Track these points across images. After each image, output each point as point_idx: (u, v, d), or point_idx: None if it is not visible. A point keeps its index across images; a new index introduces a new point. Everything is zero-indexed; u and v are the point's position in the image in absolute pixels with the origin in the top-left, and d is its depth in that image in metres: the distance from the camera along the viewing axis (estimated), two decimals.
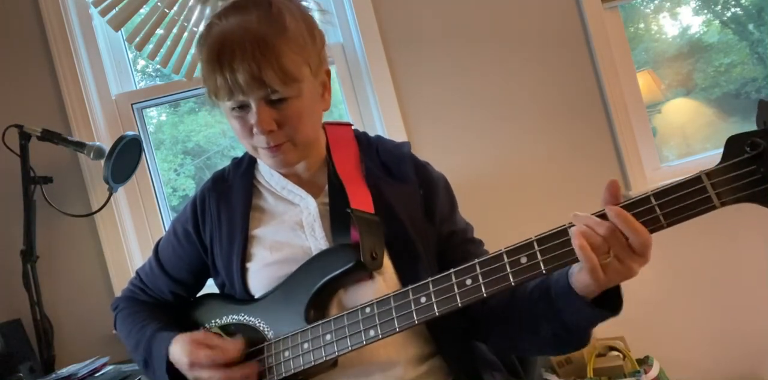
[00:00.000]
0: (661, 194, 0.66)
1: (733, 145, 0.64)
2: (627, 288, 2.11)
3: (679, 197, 0.65)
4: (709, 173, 0.64)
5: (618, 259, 0.67)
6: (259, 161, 1.04)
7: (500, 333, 0.91)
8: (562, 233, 0.71)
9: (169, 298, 1.09)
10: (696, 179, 0.65)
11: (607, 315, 0.75)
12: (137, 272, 1.13)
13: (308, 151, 0.96)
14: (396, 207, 0.93)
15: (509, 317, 0.88)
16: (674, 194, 0.66)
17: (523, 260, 0.73)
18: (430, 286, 0.79)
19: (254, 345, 0.93)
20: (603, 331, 1.79)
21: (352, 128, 1.06)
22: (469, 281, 0.76)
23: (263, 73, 0.82)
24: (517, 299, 0.86)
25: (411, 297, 0.80)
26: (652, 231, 0.67)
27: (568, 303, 0.76)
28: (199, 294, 1.11)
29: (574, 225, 0.70)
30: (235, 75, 0.82)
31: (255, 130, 0.87)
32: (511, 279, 0.73)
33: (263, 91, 0.84)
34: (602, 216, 0.68)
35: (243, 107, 0.87)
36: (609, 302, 0.75)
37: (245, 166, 1.05)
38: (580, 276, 0.72)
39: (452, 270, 0.78)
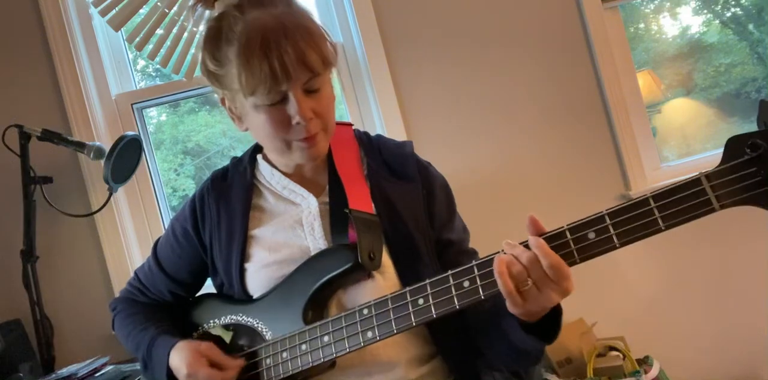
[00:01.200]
0: (660, 196, 0.65)
1: (733, 146, 0.62)
2: (628, 287, 2.11)
3: (678, 199, 0.64)
4: (709, 175, 0.63)
5: (536, 287, 0.71)
6: (259, 160, 1.03)
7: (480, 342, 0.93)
8: (561, 235, 0.71)
9: (168, 298, 1.09)
10: (695, 181, 0.64)
11: (535, 345, 0.78)
12: (136, 273, 1.13)
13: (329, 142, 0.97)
14: (398, 206, 0.93)
15: (478, 328, 0.91)
16: (673, 196, 0.65)
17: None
18: (428, 288, 0.79)
19: (252, 345, 0.93)
20: (603, 331, 1.79)
21: (353, 128, 1.06)
22: (466, 283, 0.76)
23: (308, 56, 0.83)
24: (484, 310, 0.88)
25: (409, 298, 0.80)
26: (649, 235, 0.66)
27: (509, 322, 0.79)
28: (198, 294, 1.11)
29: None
30: (283, 59, 0.81)
31: (295, 120, 0.86)
32: None
33: (308, 75, 0.84)
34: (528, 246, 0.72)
35: (274, 103, 0.86)
36: (547, 328, 0.78)
37: (245, 165, 1.04)
38: None
39: (450, 272, 0.78)
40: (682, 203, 0.64)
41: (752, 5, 2.41)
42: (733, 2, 2.44)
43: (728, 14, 2.44)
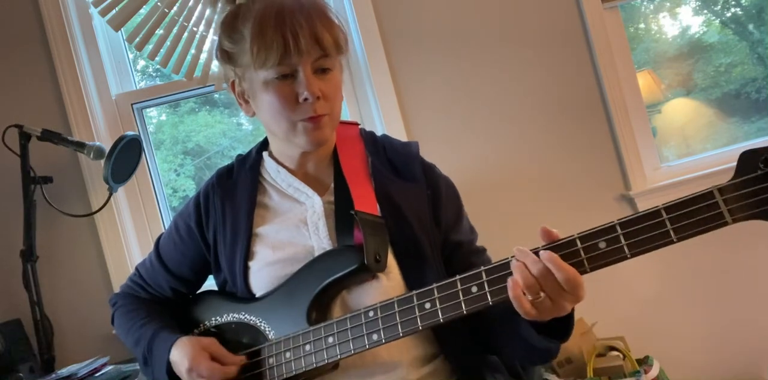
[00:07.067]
0: (672, 208, 0.65)
1: (747, 161, 0.63)
2: (627, 288, 2.10)
3: (691, 211, 0.64)
4: (722, 189, 0.63)
5: (550, 298, 0.70)
6: (265, 157, 1.03)
7: (494, 339, 0.92)
8: (571, 243, 0.71)
9: (168, 294, 1.09)
10: (708, 195, 0.64)
11: (549, 344, 0.79)
12: (137, 268, 1.13)
13: (333, 134, 0.97)
14: (403, 207, 0.93)
15: (491, 327, 0.90)
16: (685, 208, 0.65)
17: None
18: (435, 292, 0.78)
19: (255, 344, 0.93)
20: (603, 331, 1.79)
21: (359, 127, 1.06)
22: (474, 289, 0.75)
23: (322, 35, 0.85)
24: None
25: (415, 302, 0.80)
26: (661, 246, 0.67)
27: (522, 323, 0.79)
28: (199, 291, 1.10)
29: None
30: (296, 31, 0.84)
31: (302, 97, 0.87)
32: None
33: (319, 53, 0.86)
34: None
35: (285, 77, 0.87)
36: (559, 327, 0.78)
37: (251, 163, 1.04)
38: None
39: (458, 277, 0.77)
40: (695, 215, 0.64)
41: (752, 5, 2.41)
42: (733, 2, 2.44)
43: (728, 14, 2.44)
